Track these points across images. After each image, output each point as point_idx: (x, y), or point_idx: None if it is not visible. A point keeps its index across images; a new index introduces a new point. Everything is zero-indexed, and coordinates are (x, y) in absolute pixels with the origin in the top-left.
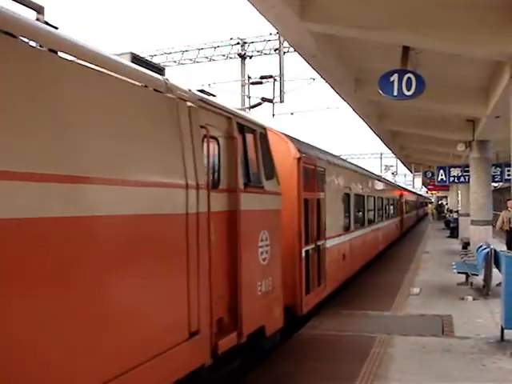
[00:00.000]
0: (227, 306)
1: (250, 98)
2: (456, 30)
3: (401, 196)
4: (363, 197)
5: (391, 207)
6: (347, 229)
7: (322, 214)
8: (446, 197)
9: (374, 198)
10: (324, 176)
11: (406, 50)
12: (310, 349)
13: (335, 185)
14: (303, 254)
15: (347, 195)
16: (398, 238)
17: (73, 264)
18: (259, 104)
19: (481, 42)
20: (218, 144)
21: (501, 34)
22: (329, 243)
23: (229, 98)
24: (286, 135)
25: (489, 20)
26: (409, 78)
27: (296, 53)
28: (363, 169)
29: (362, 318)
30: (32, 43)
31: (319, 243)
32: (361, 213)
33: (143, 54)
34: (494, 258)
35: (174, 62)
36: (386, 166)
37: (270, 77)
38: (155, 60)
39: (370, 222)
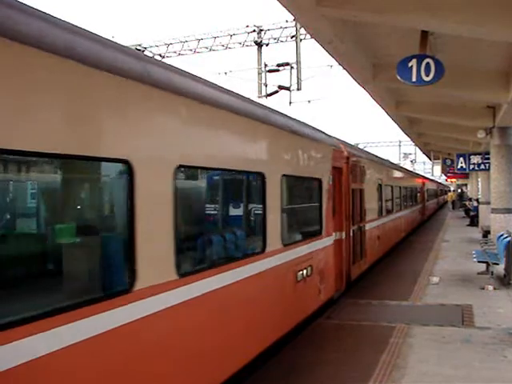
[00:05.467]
0: None
1: (266, 85)
2: (476, 12)
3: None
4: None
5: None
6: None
7: None
8: (465, 184)
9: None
10: None
11: (424, 34)
12: (328, 338)
13: None
14: None
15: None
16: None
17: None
18: (276, 92)
19: (502, 25)
20: None
21: None
22: None
23: (245, 86)
24: None
25: (510, 2)
26: (427, 63)
27: (313, 40)
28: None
29: (380, 307)
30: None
31: None
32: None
33: (159, 42)
34: None
35: (190, 50)
36: (405, 153)
37: (287, 64)
38: (171, 49)
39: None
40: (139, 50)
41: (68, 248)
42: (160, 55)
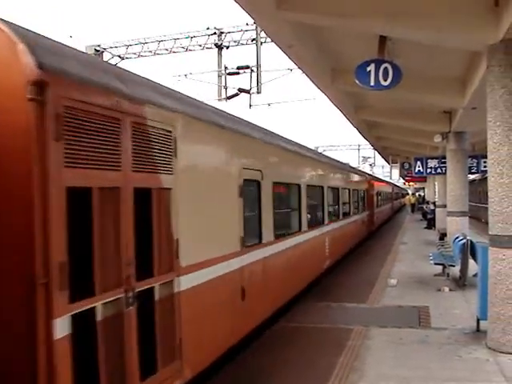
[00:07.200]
0: None
1: (226, 88)
2: (433, 19)
3: None
4: None
5: None
6: None
7: None
8: (423, 188)
9: None
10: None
11: (382, 39)
12: (286, 341)
13: None
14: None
15: None
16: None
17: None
18: (236, 95)
19: (458, 32)
20: None
21: (478, 23)
22: None
23: (206, 89)
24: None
25: (466, 9)
26: (385, 68)
27: (273, 43)
28: None
29: (338, 309)
30: None
31: None
32: None
33: (118, 43)
34: (470, 249)
35: (150, 51)
36: (364, 157)
37: (247, 67)
38: (130, 50)
39: None
40: (98, 51)
41: None
42: (119, 56)
